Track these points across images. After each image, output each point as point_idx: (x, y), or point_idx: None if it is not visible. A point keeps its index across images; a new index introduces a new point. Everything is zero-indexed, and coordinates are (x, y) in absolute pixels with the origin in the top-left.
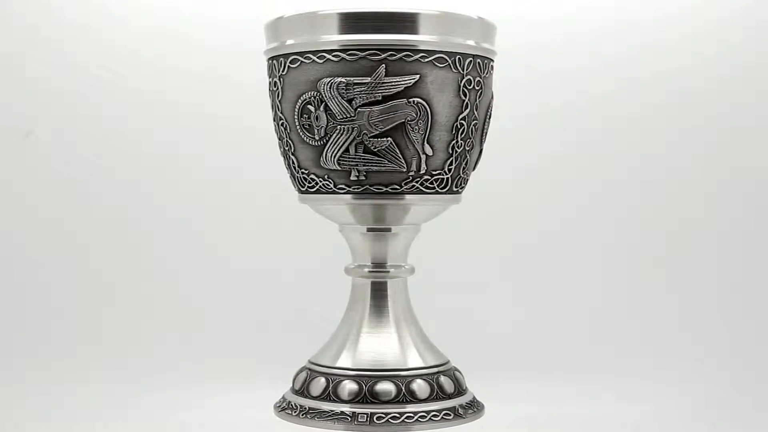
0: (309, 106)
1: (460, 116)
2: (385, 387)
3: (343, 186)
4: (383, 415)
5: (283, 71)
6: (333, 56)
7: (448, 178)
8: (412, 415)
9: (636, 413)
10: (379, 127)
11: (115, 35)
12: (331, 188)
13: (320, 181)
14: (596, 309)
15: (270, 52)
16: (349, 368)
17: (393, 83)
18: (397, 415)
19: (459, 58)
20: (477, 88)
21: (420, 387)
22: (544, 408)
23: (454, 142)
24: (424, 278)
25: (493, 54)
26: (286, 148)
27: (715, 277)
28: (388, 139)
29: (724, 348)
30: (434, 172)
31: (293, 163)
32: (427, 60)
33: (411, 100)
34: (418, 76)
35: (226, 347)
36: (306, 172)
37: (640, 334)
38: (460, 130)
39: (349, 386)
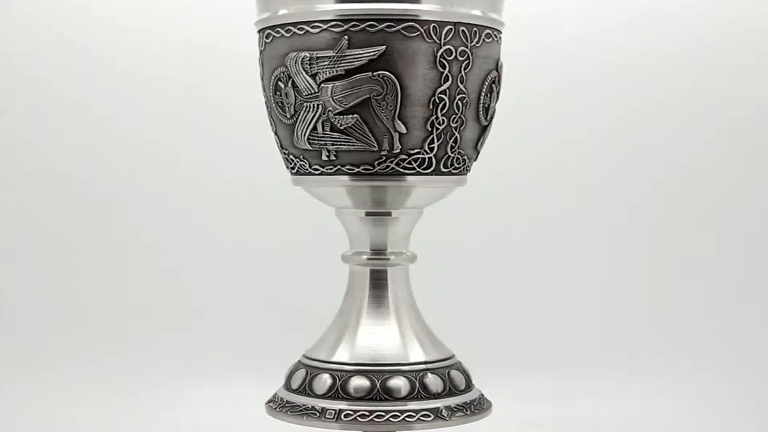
0: (280, 83)
1: (439, 90)
2: (359, 383)
3: (318, 166)
4: (351, 413)
5: (262, 47)
6: (298, 29)
7: (430, 158)
8: (382, 414)
9: (649, 413)
10: (343, 104)
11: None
12: (307, 169)
13: (297, 162)
14: (610, 301)
15: (256, 26)
16: (344, 362)
17: (356, 56)
18: (367, 413)
19: (434, 27)
20: (461, 58)
21: (398, 384)
22: (551, 406)
23: (434, 118)
24: (426, 266)
25: (490, 22)
26: (272, 128)
27: (734, 272)
28: (355, 116)
29: (738, 346)
30: (412, 152)
31: (277, 142)
32: (393, 30)
33: (376, 73)
34: (383, 47)
35: (223, 343)
36: (287, 152)
37: (657, 328)
38: (440, 105)
39: (323, 380)
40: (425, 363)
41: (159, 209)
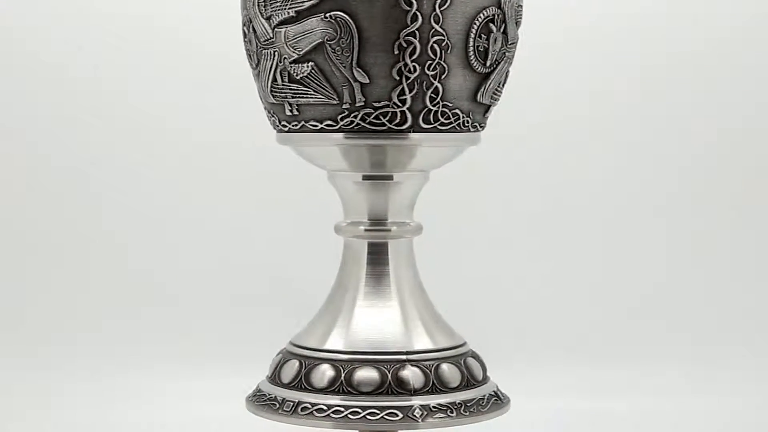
0: (245, 29)
1: (406, 32)
2: (321, 374)
3: (285, 122)
4: (309, 406)
5: None
6: None
7: (403, 112)
8: (341, 409)
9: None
10: (297, 50)
11: None
12: (278, 125)
13: (270, 118)
14: (643, 279)
15: None
16: (339, 350)
17: None
18: (324, 408)
19: None
20: None
21: (366, 377)
22: (572, 402)
23: (402, 65)
24: (433, 239)
25: None
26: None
27: None
28: (309, 64)
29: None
30: (378, 104)
31: (259, 96)
32: None
33: (328, 14)
34: None
35: (199, 326)
36: (264, 106)
37: (698, 309)
38: (408, 49)
39: (293, 368)
40: (406, 353)
41: (127, 176)
